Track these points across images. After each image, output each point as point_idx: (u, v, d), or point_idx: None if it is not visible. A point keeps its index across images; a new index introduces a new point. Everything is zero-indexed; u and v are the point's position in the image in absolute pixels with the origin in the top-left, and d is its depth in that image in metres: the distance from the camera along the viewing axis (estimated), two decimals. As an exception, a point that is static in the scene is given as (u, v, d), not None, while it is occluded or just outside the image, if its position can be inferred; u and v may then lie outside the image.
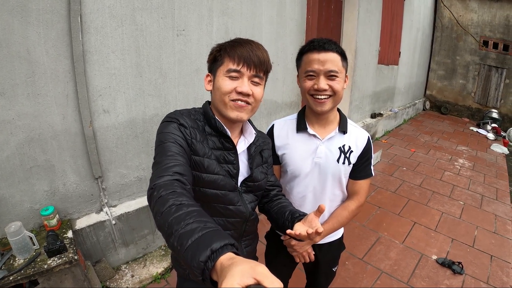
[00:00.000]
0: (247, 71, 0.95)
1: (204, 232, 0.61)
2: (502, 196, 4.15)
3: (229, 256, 0.55)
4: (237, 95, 0.95)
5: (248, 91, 0.95)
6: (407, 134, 6.62)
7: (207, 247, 0.56)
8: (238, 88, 0.95)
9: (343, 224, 1.37)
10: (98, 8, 1.89)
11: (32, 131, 1.84)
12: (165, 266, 2.44)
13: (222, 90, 0.95)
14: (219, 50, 0.98)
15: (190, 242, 0.60)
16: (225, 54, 0.96)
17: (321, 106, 1.20)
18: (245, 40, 0.98)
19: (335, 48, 1.17)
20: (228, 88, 0.95)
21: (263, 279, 0.46)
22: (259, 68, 0.97)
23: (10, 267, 1.69)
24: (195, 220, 0.64)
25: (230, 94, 0.95)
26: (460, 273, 2.60)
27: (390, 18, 5.76)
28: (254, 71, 0.96)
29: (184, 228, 0.63)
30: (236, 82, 0.95)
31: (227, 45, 0.97)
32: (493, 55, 7.69)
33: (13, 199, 1.88)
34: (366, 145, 1.32)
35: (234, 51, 0.94)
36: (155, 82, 2.31)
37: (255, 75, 0.97)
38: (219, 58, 0.97)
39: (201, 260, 0.55)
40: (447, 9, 8.12)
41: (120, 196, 2.37)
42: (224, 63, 0.96)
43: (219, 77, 0.97)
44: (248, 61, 0.94)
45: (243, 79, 0.95)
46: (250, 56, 0.94)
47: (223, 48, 0.97)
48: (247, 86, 0.95)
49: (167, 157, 0.86)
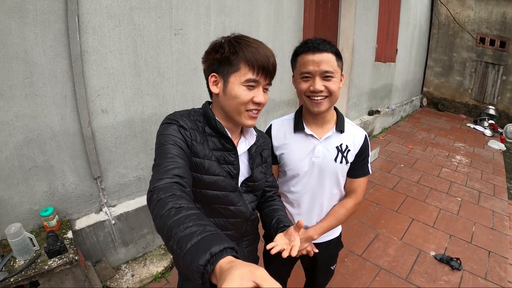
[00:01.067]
0: (264, 80, 0.95)
1: (204, 236, 0.61)
2: (500, 192, 4.18)
3: (228, 260, 0.55)
4: (253, 105, 0.95)
5: (264, 102, 0.96)
6: (404, 131, 6.64)
7: (207, 250, 0.57)
8: (255, 99, 0.94)
9: (341, 221, 1.38)
10: (95, 8, 1.89)
11: (31, 132, 1.83)
12: (165, 265, 2.45)
13: (240, 101, 0.93)
14: (235, 53, 0.91)
15: (189, 245, 0.60)
16: (243, 60, 0.91)
17: (318, 107, 1.20)
18: (257, 43, 0.94)
19: (330, 48, 1.15)
20: (247, 98, 0.93)
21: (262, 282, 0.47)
22: (272, 76, 0.97)
23: (10, 268, 1.68)
24: (195, 224, 0.64)
25: (247, 104, 0.95)
26: (458, 269, 2.62)
27: (387, 15, 5.77)
28: (269, 80, 0.97)
29: (183, 232, 0.63)
30: (252, 92, 0.94)
31: (243, 48, 0.91)
32: (490, 52, 7.72)
33: (12, 200, 1.87)
34: (363, 144, 1.32)
35: (253, 58, 0.90)
36: (153, 82, 2.31)
37: (268, 83, 0.98)
38: (234, 62, 0.91)
39: (201, 263, 0.55)
40: (443, 6, 8.14)
41: (119, 196, 2.37)
42: (241, 69, 0.91)
43: (234, 85, 0.92)
44: (266, 71, 0.93)
45: (259, 88, 0.95)
46: (268, 65, 0.93)
47: (239, 51, 0.91)
48: (263, 96, 0.96)
49: (166, 160, 0.85)
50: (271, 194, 1.24)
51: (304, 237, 1.31)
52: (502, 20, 7.31)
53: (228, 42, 0.93)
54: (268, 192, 1.22)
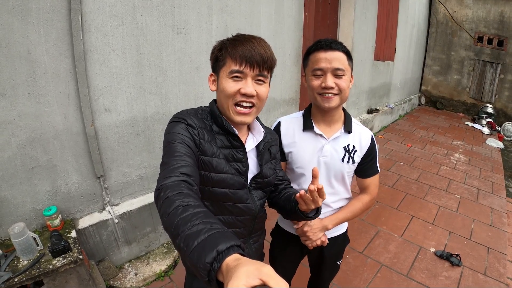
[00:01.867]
0: (250, 71, 0.92)
1: (211, 234, 0.61)
2: (498, 190, 4.22)
3: (235, 257, 0.55)
4: (241, 96, 0.94)
5: (252, 92, 0.93)
6: (403, 129, 6.67)
7: (213, 248, 0.57)
8: (242, 90, 0.93)
9: (356, 215, 1.41)
10: (98, 7, 1.88)
11: (34, 131, 1.83)
12: (168, 264, 2.45)
13: (226, 93, 0.93)
14: (220, 49, 0.95)
15: (196, 243, 0.60)
16: (227, 54, 0.93)
17: (328, 102, 1.22)
18: (247, 37, 0.95)
19: (341, 47, 1.20)
20: (231, 90, 0.93)
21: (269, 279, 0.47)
22: (263, 66, 0.93)
23: (14, 268, 1.68)
24: (202, 221, 0.64)
25: (235, 96, 0.94)
26: (458, 265, 2.65)
27: (386, 15, 5.78)
28: (258, 70, 0.93)
29: (190, 229, 0.63)
30: (240, 83, 0.93)
31: (228, 44, 0.93)
32: (487, 51, 7.76)
33: (15, 200, 1.87)
34: (370, 144, 1.35)
35: (235, 51, 0.91)
36: (156, 81, 2.31)
37: (259, 74, 0.94)
38: (220, 58, 0.95)
39: (207, 261, 0.55)
40: (442, 5, 8.17)
41: (122, 195, 2.37)
42: (226, 63, 0.93)
43: (222, 79, 0.95)
44: (250, 60, 0.91)
45: (246, 79, 0.93)
46: (252, 55, 0.91)
47: (224, 47, 0.94)
48: (251, 87, 0.93)
49: (174, 158, 0.86)
50: (284, 185, 1.22)
51: (320, 226, 1.33)
52: (500, 19, 7.35)
53: (221, 42, 0.97)
54: (280, 185, 1.21)
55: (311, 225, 1.34)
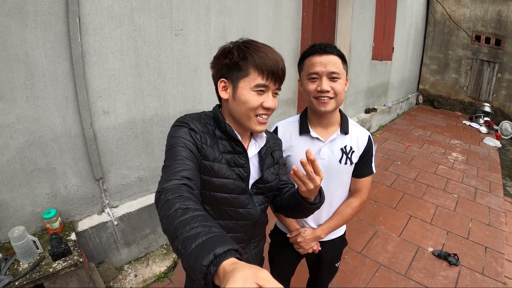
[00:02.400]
0: (273, 85, 0.95)
1: (208, 237, 0.61)
2: (495, 189, 4.24)
3: (231, 261, 0.55)
4: (263, 110, 0.95)
5: (273, 107, 0.96)
6: (401, 128, 6.69)
7: (210, 251, 0.57)
8: (265, 104, 0.94)
9: (347, 220, 1.41)
10: (96, 9, 1.88)
11: (32, 134, 1.83)
12: (168, 265, 2.46)
13: (250, 106, 0.93)
14: (243, 58, 0.91)
15: (194, 246, 0.60)
16: (252, 65, 0.91)
17: (324, 106, 1.22)
18: (267, 48, 0.94)
19: (336, 51, 1.21)
20: (256, 104, 0.93)
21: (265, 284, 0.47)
22: (282, 81, 0.97)
23: (14, 272, 1.68)
24: (200, 225, 0.65)
25: (257, 109, 0.95)
26: (456, 265, 2.67)
27: (384, 14, 5.79)
28: (278, 85, 0.96)
29: (188, 232, 0.63)
30: (262, 97, 0.94)
31: (253, 53, 0.91)
32: (485, 50, 7.77)
33: (14, 203, 1.87)
34: (367, 145, 1.36)
35: (262, 64, 0.91)
36: (154, 82, 2.31)
37: (278, 88, 0.97)
38: (243, 67, 0.92)
39: (204, 264, 0.56)
40: (439, 4, 8.18)
41: (121, 197, 2.38)
42: (250, 75, 0.92)
43: (244, 90, 0.93)
44: (275, 76, 0.93)
45: (268, 93, 0.95)
46: (277, 70, 0.92)
47: (249, 56, 0.91)
48: (272, 101, 0.95)
49: (176, 161, 0.86)
50: (288, 189, 1.22)
51: (312, 236, 1.35)
52: (497, 18, 7.37)
53: (237, 47, 0.94)
54: (284, 188, 1.21)
55: (304, 236, 1.36)
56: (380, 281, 2.46)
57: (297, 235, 1.37)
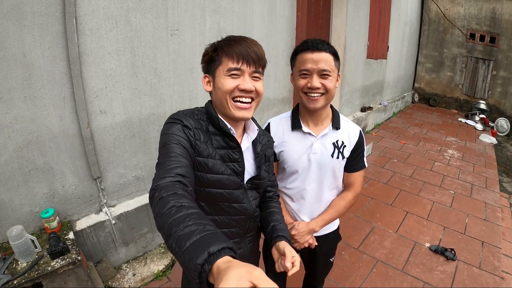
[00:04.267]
0: (247, 67, 0.96)
1: (203, 235, 0.61)
2: (491, 185, 4.28)
3: (226, 260, 0.56)
4: (240, 92, 0.96)
5: (251, 88, 0.96)
6: (397, 126, 6.72)
7: (205, 250, 0.57)
8: (241, 86, 0.95)
9: (341, 213, 1.43)
10: (92, 10, 1.90)
11: (30, 134, 1.84)
12: (166, 263, 2.47)
13: (224, 89, 0.95)
14: (215, 50, 0.97)
15: (188, 244, 0.60)
16: (223, 53, 0.95)
17: (314, 104, 1.24)
18: (239, 37, 0.98)
19: (328, 48, 1.21)
20: (230, 86, 0.95)
21: (259, 282, 0.48)
22: (258, 63, 0.98)
23: (13, 271, 1.69)
24: (194, 223, 0.65)
25: (233, 92, 0.96)
26: (453, 259, 2.69)
27: (378, 13, 5.83)
28: (254, 67, 0.97)
29: (183, 230, 0.63)
30: (238, 80, 0.96)
31: (223, 44, 0.96)
32: (480, 47, 7.82)
33: (12, 203, 1.88)
34: (358, 139, 1.37)
35: (231, 49, 0.94)
36: (150, 82, 2.33)
37: (255, 70, 0.98)
38: (216, 58, 0.97)
39: (198, 262, 0.56)
40: (434, 3, 8.24)
41: (118, 196, 2.39)
42: (223, 62, 0.95)
43: (219, 77, 0.96)
44: (247, 58, 0.94)
45: (244, 76, 0.96)
46: (248, 52, 0.94)
47: (219, 47, 0.96)
48: (250, 83, 0.96)
49: (169, 158, 0.87)
50: (271, 194, 1.26)
51: (307, 229, 1.36)
52: (491, 16, 7.42)
53: (212, 44, 1.00)
54: (268, 192, 1.25)
55: (298, 229, 1.37)
56: (377, 277, 2.48)
57: (291, 229, 1.39)
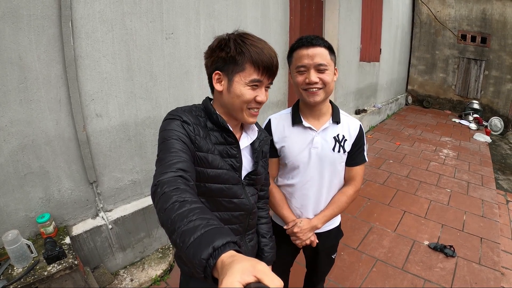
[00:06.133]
0: (267, 80, 0.98)
1: (207, 230, 0.61)
2: (488, 182, 4.31)
3: (230, 254, 0.55)
4: (255, 103, 0.99)
5: (265, 100, 1.00)
6: (391, 128, 6.77)
7: (209, 244, 0.57)
8: (258, 98, 0.98)
9: (343, 209, 1.43)
10: (88, 13, 1.91)
11: (26, 138, 1.83)
12: (164, 268, 2.44)
13: (244, 99, 0.96)
14: (240, 52, 0.93)
15: (192, 239, 0.60)
16: (248, 61, 0.93)
17: (313, 97, 1.25)
18: (264, 44, 0.97)
19: (322, 43, 1.23)
20: (250, 98, 0.97)
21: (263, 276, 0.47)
22: (275, 76, 1.00)
23: (9, 276, 1.66)
24: (198, 217, 0.65)
25: (251, 102, 0.98)
26: (452, 256, 2.70)
27: (370, 16, 5.91)
28: (271, 80, 1.00)
29: (186, 225, 0.63)
30: (256, 91, 0.97)
31: (250, 49, 0.92)
32: (471, 48, 7.94)
33: (7, 207, 1.86)
34: (358, 133, 1.39)
35: (259, 59, 0.93)
36: (146, 85, 2.33)
37: (270, 83, 1.01)
38: (239, 61, 0.93)
39: (203, 257, 0.56)
40: (424, 6, 8.37)
41: (115, 200, 2.37)
42: (246, 69, 0.94)
43: (239, 84, 0.95)
44: (270, 71, 0.96)
45: (261, 88, 0.98)
46: (272, 66, 0.96)
47: (245, 51, 0.92)
48: (264, 95, 0.99)
49: (170, 154, 0.87)
50: (263, 194, 1.28)
51: (309, 226, 1.36)
52: (482, 17, 7.55)
53: (234, 40, 0.94)
54: (261, 191, 1.25)
55: (301, 226, 1.37)
56: (377, 276, 2.48)
57: (294, 226, 1.39)
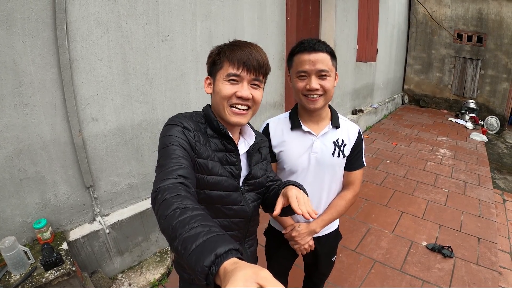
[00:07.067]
0: (247, 75, 0.96)
1: (209, 237, 0.61)
2: (485, 182, 4.33)
3: (232, 261, 0.55)
4: (237, 99, 0.97)
5: (248, 96, 0.96)
6: (388, 128, 6.78)
7: (212, 252, 0.57)
8: (238, 93, 0.96)
9: (341, 213, 1.43)
10: (83, 16, 1.89)
11: (21, 143, 1.81)
12: (162, 272, 2.43)
13: (222, 95, 0.96)
14: (218, 53, 0.98)
15: (194, 246, 0.60)
16: (225, 58, 0.96)
17: (313, 104, 1.25)
18: (244, 43, 0.99)
19: (325, 48, 1.22)
20: (228, 92, 0.96)
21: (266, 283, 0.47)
22: (259, 71, 0.97)
23: (6, 283, 1.65)
24: (200, 224, 0.64)
25: (230, 98, 0.97)
26: (450, 257, 2.71)
27: (366, 17, 5.92)
28: (254, 75, 0.97)
29: (188, 232, 0.63)
30: (236, 87, 0.96)
31: (226, 48, 0.97)
32: (467, 48, 7.98)
33: (4, 213, 1.84)
34: (357, 138, 1.39)
35: (233, 55, 0.94)
36: (142, 88, 2.31)
37: (255, 78, 0.98)
38: (218, 61, 0.97)
39: (205, 264, 0.56)
40: (421, 5, 8.40)
41: (112, 205, 2.35)
42: (224, 67, 0.96)
43: (218, 81, 0.97)
44: (247, 65, 0.94)
45: (243, 83, 0.96)
46: (250, 60, 0.94)
47: (222, 51, 0.97)
48: (247, 90, 0.96)
49: (171, 160, 0.86)
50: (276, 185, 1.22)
51: (307, 230, 1.35)
52: (478, 16, 7.59)
53: (218, 47, 1.00)
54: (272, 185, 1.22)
55: (299, 230, 1.36)
56: (376, 277, 2.48)
57: (292, 230, 1.38)
